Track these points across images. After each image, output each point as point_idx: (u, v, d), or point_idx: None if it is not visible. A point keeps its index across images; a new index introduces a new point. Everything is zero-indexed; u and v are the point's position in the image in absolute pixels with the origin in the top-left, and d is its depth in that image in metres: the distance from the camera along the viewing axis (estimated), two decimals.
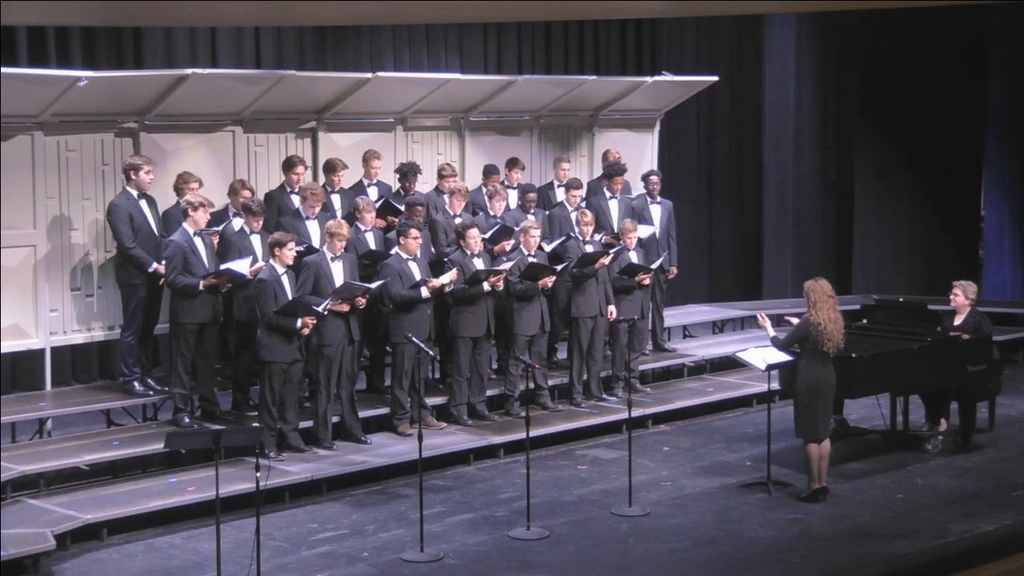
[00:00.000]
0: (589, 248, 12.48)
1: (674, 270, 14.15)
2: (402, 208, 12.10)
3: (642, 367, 13.47)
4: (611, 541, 9.63)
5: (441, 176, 12.91)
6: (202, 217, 10.93)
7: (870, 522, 10.03)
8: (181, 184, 11.44)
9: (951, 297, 12.14)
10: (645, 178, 14.01)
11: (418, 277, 11.35)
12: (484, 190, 13.11)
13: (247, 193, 11.62)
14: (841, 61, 18.12)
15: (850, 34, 17.91)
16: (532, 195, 13.09)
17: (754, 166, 17.99)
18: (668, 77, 14.82)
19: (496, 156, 13.75)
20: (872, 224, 18.09)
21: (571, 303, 12.50)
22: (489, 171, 13.33)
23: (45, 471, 10.11)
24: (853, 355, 11.03)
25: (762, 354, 10.97)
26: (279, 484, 10.23)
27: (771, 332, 10.86)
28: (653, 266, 12.96)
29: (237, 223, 11.30)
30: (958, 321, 12.08)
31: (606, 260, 12.41)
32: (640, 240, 12.97)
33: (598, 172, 14.27)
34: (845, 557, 9.27)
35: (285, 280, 10.72)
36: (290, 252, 10.70)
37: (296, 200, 11.87)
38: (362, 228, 11.80)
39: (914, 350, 11.68)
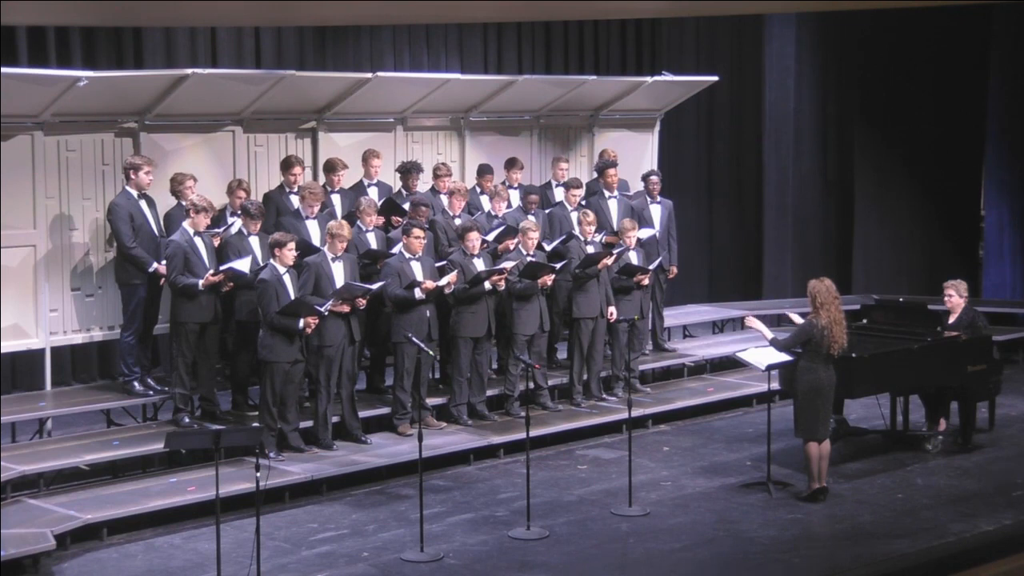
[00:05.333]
0: (591, 248, 12.48)
1: (674, 270, 14.16)
2: (405, 207, 12.11)
3: (642, 367, 13.48)
4: (611, 541, 9.63)
5: (437, 176, 12.91)
6: (203, 221, 10.94)
7: (870, 522, 10.04)
8: (177, 186, 11.46)
9: (946, 299, 12.16)
10: (645, 178, 14.02)
11: (420, 277, 11.35)
12: (478, 190, 13.14)
13: (243, 193, 11.61)
14: (841, 61, 18.12)
15: (850, 34, 17.91)
16: (534, 196, 13.09)
17: (754, 166, 17.99)
18: (668, 77, 14.82)
19: (496, 156, 13.75)
20: (872, 224, 18.09)
21: (573, 303, 12.51)
22: (483, 171, 13.33)
23: (45, 471, 10.11)
24: (853, 355, 11.03)
25: (762, 354, 10.97)
26: (279, 484, 10.23)
27: (768, 335, 10.82)
28: (651, 266, 12.97)
29: (236, 224, 11.30)
30: (952, 319, 12.10)
31: (609, 260, 12.41)
32: (640, 241, 12.98)
33: None
34: (845, 557, 9.27)
35: (287, 280, 10.72)
36: (291, 252, 10.70)
37: (295, 200, 11.87)
38: (363, 228, 11.81)
39: (914, 350, 11.68)
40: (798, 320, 10.96)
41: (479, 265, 11.78)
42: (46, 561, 8.98)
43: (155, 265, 11.12)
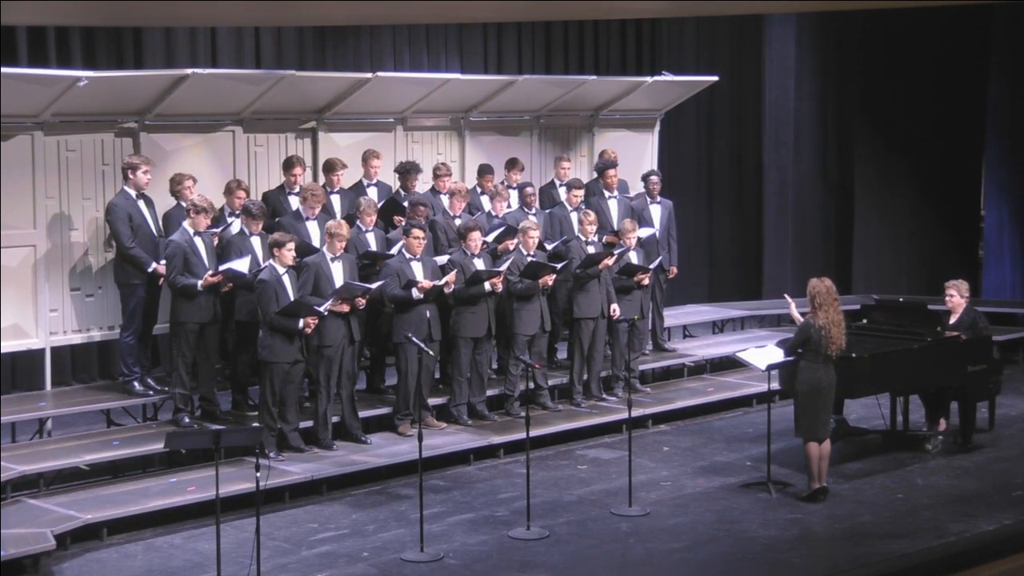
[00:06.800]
0: (591, 248, 12.48)
1: (674, 270, 14.16)
2: (406, 206, 12.12)
3: (642, 367, 13.47)
4: (611, 541, 9.63)
5: (436, 176, 12.91)
6: (203, 221, 10.94)
7: (870, 522, 10.04)
8: (176, 186, 11.46)
9: (947, 299, 12.17)
10: (645, 178, 14.02)
11: (420, 277, 11.35)
12: (479, 190, 13.15)
13: (242, 194, 11.61)
14: (841, 61, 18.12)
15: (850, 34, 17.92)
16: (530, 189, 13.09)
17: (754, 166, 17.99)
18: (668, 77, 14.82)
19: (496, 156, 13.75)
20: (872, 224, 18.09)
21: (573, 303, 12.51)
22: (483, 171, 13.33)
23: (45, 471, 10.11)
24: (853, 355, 11.03)
25: (762, 354, 10.97)
26: (279, 484, 10.23)
27: (799, 319, 10.75)
28: (652, 266, 12.97)
29: (236, 225, 11.30)
30: (953, 319, 12.10)
31: (610, 261, 12.41)
32: (640, 240, 12.98)
33: None
34: (845, 557, 9.27)
35: (286, 280, 10.72)
36: (289, 252, 10.70)
37: (294, 201, 11.87)
38: (363, 228, 11.81)
39: (914, 350, 11.68)
40: (796, 315, 10.96)
41: (479, 266, 11.78)
42: (46, 561, 8.97)
43: (154, 265, 11.12)
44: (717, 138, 17.88)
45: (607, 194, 13.65)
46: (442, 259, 11.91)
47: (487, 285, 11.65)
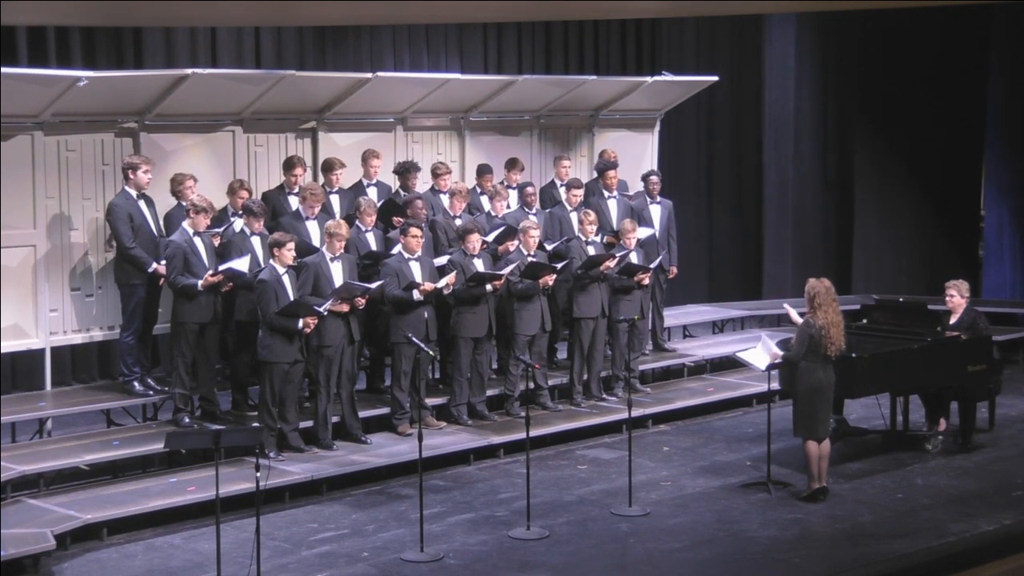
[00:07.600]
0: (592, 249, 12.48)
1: (674, 270, 14.15)
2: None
3: (642, 367, 13.47)
4: (611, 541, 9.64)
5: (436, 175, 12.90)
6: (203, 221, 10.94)
7: (870, 522, 10.04)
8: (176, 186, 11.47)
9: (947, 299, 12.16)
10: (645, 178, 14.01)
11: (419, 277, 11.35)
12: (478, 190, 13.15)
13: (245, 194, 11.62)
14: (841, 61, 18.12)
15: (850, 34, 17.92)
16: (530, 189, 13.09)
17: (754, 166, 17.99)
18: (668, 77, 14.82)
19: (496, 156, 13.75)
20: (872, 224, 18.09)
21: (573, 303, 12.51)
22: (483, 170, 13.33)
23: (45, 471, 10.11)
24: (853, 355, 11.03)
25: (762, 354, 10.96)
26: (279, 484, 10.23)
27: (797, 319, 10.72)
28: (652, 266, 12.96)
29: (237, 224, 11.31)
30: (953, 320, 12.10)
31: (611, 263, 12.40)
32: (639, 241, 12.98)
33: None
34: (845, 557, 9.28)
35: (286, 280, 10.72)
36: (289, 252, 10.70)
37: (294, 201, 11.87)
38: (363, 228, 11.81)
39: (914, 350, 11.68)
40: (796, 318, 10.93)
41: (479, 266, 11.78)
42: (46, 561, 8.98)
43: (154, 265, 11.12)
44: (717, 138, 17.88)
45: (607, 194, 13.65)
46: (441, 260, 11.91)
47: (487, 286, 11.66)
